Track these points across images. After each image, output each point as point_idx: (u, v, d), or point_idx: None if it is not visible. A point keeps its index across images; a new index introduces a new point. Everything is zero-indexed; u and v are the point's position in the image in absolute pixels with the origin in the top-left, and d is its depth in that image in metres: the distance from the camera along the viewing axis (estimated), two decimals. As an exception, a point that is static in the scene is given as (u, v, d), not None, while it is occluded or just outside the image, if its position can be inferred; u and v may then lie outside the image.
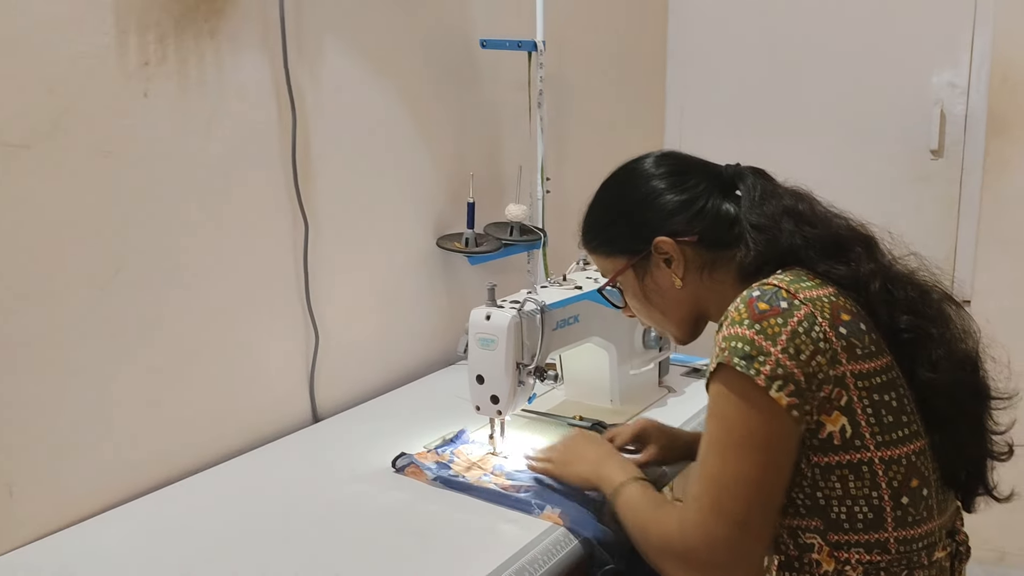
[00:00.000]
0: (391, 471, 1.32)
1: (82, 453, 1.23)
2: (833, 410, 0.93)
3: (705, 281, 1.09)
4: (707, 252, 1.08)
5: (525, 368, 1.32)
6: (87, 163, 1.19)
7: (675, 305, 1.13)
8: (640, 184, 1.12)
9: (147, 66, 1.25)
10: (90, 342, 1.22)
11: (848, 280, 0.99)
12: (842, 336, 0.93)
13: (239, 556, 1.11)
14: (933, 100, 2.34)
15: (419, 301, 1.84)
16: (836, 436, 0.93)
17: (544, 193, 1.95)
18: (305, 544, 1.14)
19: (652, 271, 1.12)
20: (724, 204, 1.08)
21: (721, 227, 1.07)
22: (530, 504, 1.20)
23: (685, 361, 1.83)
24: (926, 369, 0.97)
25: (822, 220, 1.05)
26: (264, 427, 1.50)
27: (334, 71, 1.57)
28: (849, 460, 0.94)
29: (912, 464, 0.95)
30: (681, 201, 1.09)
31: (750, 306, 0.95)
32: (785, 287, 0.96)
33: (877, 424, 0.93)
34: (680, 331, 1.16)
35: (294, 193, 1.50)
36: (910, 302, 1.00)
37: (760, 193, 1.07)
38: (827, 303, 0.95)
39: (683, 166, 1.13)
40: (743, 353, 0.92)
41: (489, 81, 1.97)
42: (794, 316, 0.93)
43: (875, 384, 0.94)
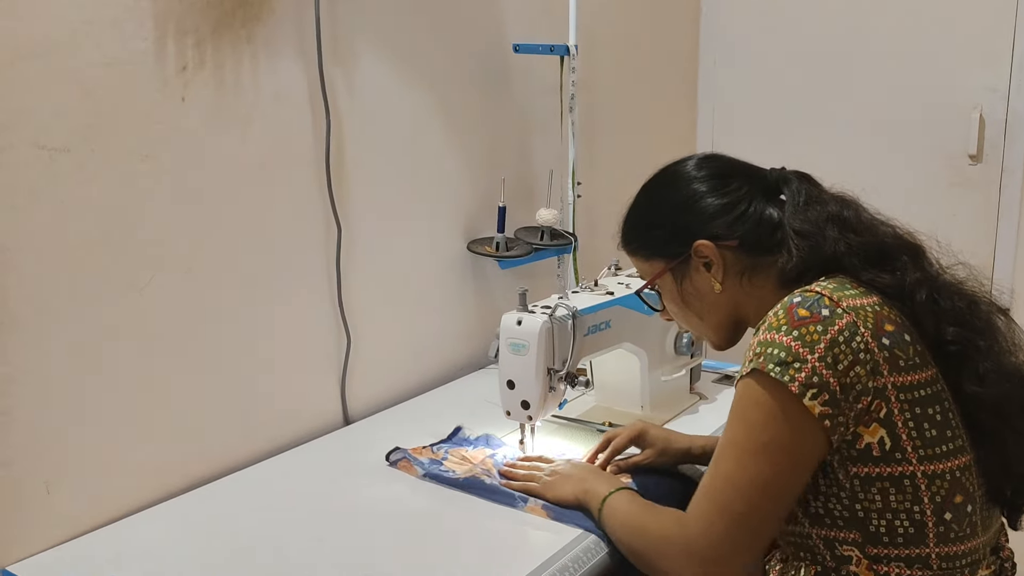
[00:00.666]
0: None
1: (118, 453, 1.24)
2: (872, 422, 0.91)
3: (745, 286, 1.07)
4: (748, 257, 1.06)
5: (556, 374, 1.31)
6: (125, 167, 1.21)
7: (713, 309, 1.11)
8: (681, 187, 1.11)
9: (184, 71, 1.27)
10: (127, 343, 1.24)
11: (893, 289, 0.97)
12: (885, 347, 0.91)
13: (271, 557, 1.12)
14: (972, 104, 2.29)
15: (449, 305, 1.84)
16: (875, 447, 0.92)
17: (575, 197, 1.94)
18: (335, 546, 1.14)
19: (691, 275, 1.10)
20: (767, 208, 1.07)
21: (763, 232, 1.06)
22: (514, 497, 1.23)
23: (717, 367, 1.81)
24: (972, 383, 0.95)
25: (868, 227, 1.03)
26: (296, 429, 1.51)
27: (368, 75, 1.58)
28: (890, 473, 0.92)
29: (956, 479, 0.93)
30: (722, 204, 1.07)
31: (790, 312, 0.93)
32: (828, 294, 0.94)
33: (919, 438, 0.92)
34: (718, 336, 1.14)
35: (327, 196, 1.51)
36: (957, 313, 0.97)
37: (805, 198, 1.05)
38: (871, 312, 0.93)
39: (726, 169, 1.12)
40: (779, 359, 0.91)
41: (521, 85, 1.97)
42: (835, 325, 0.91)
43: (918, 397, 0.92)
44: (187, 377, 1.33)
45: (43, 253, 1.13)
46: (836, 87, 2.49)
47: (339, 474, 1.36)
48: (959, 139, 2.32)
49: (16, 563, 1.12)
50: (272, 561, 1.12)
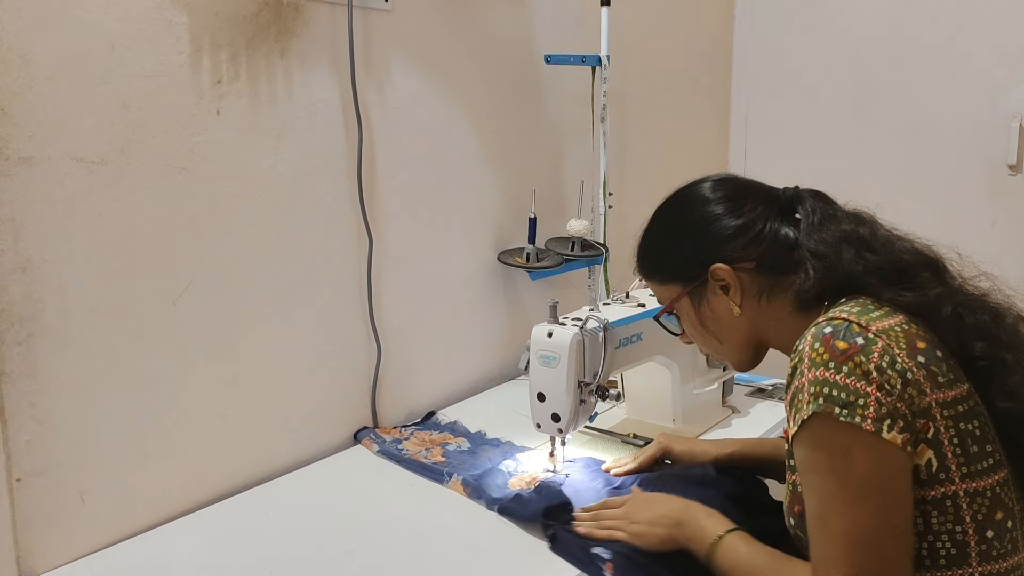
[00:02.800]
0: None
1: (151, 462, 1.25)
2: (920, 443, 0.89)
3: (763, 307, 1.06)
4: (765, 278, 1.05)
5: (587, 387, 1.30)
6: (161, 179, 1.22)
7: (733, 332, 1.10)
8: (695, 209, 1.10)
9: (219, 84, 1.28)
10: (160, 354, 1.25)
11: (916, 307, 0.95)
12: (922, 365, 0.89)
13: (301, 569, 1.12)
14: (1012, 113, 2.25)
15: (480, 316, 1.84)
16: (922, 470, 0.89)
17: (606, 208, 1.93)
18: (365, 560, 1.14)
19: (709, 298, 1.09)
20: (782, 228, 1.05)
21: (779, 252, 1.04)
22: (441, 473, 1.33)
23: (750, 381, 1.79)
24: (1003, 398, 0.93)
25: (884, 245, 1.01)
26: (328, 440, 1.51)
27: (400, 88, 1.58)
28: (933, 495, 0.90)
29: (996, 496, 0.91)
30: (738, 226, 1.06)
31: (828, 346, 0.90)
32: (855, 319, 0.92)
33: (963, 455, 0.89)
34: (739, 358, 1.13)
35: (359, 208, 1.52)
36: (983, 327, 0.95)
37: (820, 217, 1.04)
38: (900, 332, 0.91)
39: (739, 190, 1.10)
40: (841, 401, 0.87)
41: (552, 96, 1.96)
42: (873, 352, 0.89)
43: (959, 412, 0.90)
44: (219, 387, 1.33)
45: (79, 264, 1.15)
46: (873, 97, 2.45)
47: (370, 486, 1.36)
48: (999, 149, 2.28)
49: (50, 571, 1.14)
50: (302, 573, 1.11)
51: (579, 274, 1.98)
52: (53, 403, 1.13)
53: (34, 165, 1.09)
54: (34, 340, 1.11)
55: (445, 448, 1.46)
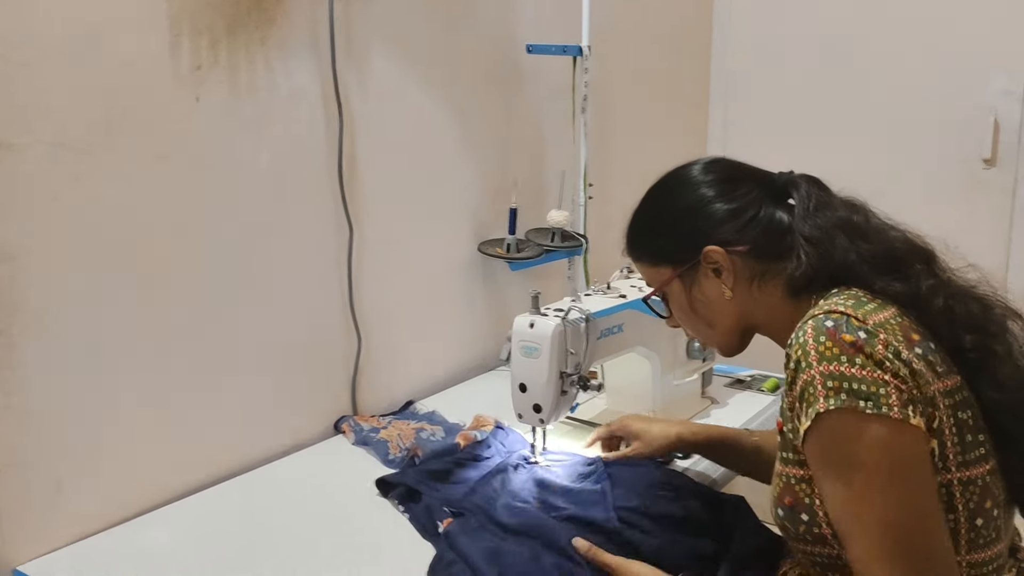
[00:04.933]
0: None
1: (129, 453, 1.24)
2: (930, 431, 0.89)
3: (754, 292, 1.05)
4: (757, 263, 1.04)
5: (568, 377, 1.31)
6: (140, 166, 1.21)
7: (722, 316, 1.09)
8: (688, 192, 1.09)
9: (199, 71, 1.27)
10: (139, 344, 1.24)
11: (907, 298, 0.95)
12: (920, 356, 0.90)
13: (279, 559, 1.12)
14: (987, 107, 2.28)
15: (460, 306, 1.84)
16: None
17: (586, 199, 1.93)
18: (342, 549, 1.14)
19: (700, 281, 1.08)
20: (776, 213, 1.04)
21: (773, 237, 1.03)
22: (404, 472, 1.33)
23: (729, 372, 1.80)
24: (993, 389, 0.93)
25: (877, 233, 1.01)
26: (307, 431, 1.51)
27: (381, 77, 1.57)
28: None
29: (987, 485, 0.91)
30: (731, 209, 1.05)
31: (834, 338, 0.89)
32: (852, 313, 0.91)
33: (960, 443, 0.90)
34: (727, 343, 1.12)
35: (339, 197, 1.51)
36: (972, 318, 0.96)
37: (814, 203, 1.03)
38: (895, 325, 0.91)
39: (733, 173, 1.09)
40: (864, 394, 0.86)
41: (533, 86, 1.96)
42: (878, 344, 0.88)
43: (957, 402, 0.90)
44: (199, 378, 1.33)
45: (57, 253, 1.13)
46: (850, 89, 2.47)
47: (349, 477, 1.35)
48: (974, 143, 2.30)
49: (27, 563, 1.13)
50: (280, 562, 1.11)
51: (559, 264, 1.98)
52: (31, 393, 1.12)
53: (12, 152, 1.07)
54: (12, 330, 1.09)
55: (419, 435, 1.46)
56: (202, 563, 1.12)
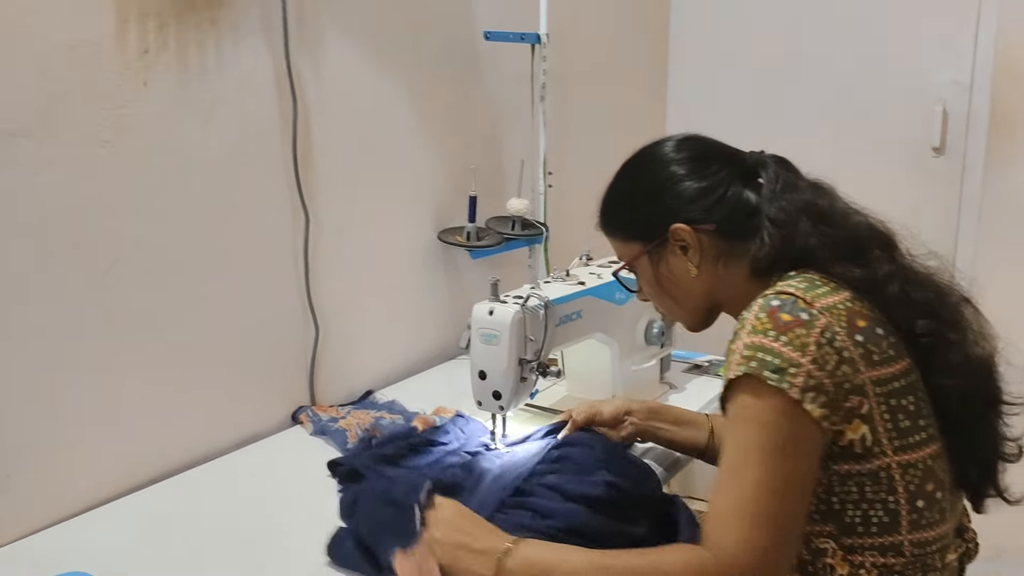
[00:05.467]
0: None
1: (80, 446, 1.21)
2: (854, 419, 0.91)
3: (720, 271, 1.07)
4: (724, 242, 1.06)
5: (528, 364, 1.30)
6: (86, 152, 1.18)
7: (689, 293, 1.10)
8: (659, 169, 1.10)
9: (147, 54, 1.23)
10: (87, 334, 1.21)
11: (864, 283, 0.97)
12: (859, 344, 0.92)
13: (236, 552, 1.10)
14: (936, 97, 2.33)
15: (420, 294, 1.83)
16: (856, 444, 0.92)
17: (546, 187, 1.93)
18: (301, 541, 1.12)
19: (668, 258, 1.09)
20: (745, 192, 1.06)
21: (740, 216, 1.05)
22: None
23: (686, 357, 1.82)
24: (943, 375, 0.95)
25: (841, 217, 1.03)
26: (263, 421, 1.49)
27: (336, 61, 1.55)
28: (869, 468, 0.92)
29: (928, 468, 0.94)
30: (701, 188, 1.06)
31: (773, 316, 0.92)
32: (802, 295, 0.93)
33: (895, 429, 0.92)
34: (693, 319, 1.14)
35: (295, 184, 1.49)
36: (927, 305, 0.97)
37: (781, 185, 1.04)
38: (843, 310, 0.93)
39: (705, 151, 1.10)
40: (773, 366, 0.89)
41: (492, 73, 1.95)
42: (815, 327, 0.90)
43: (893, 389, 0.92)
44: (150, 368, 1.30)
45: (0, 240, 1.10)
46: (804, 80, 2.51)
47: (307, 467, 1.34)
48: (924, 131, 2.35)
49: (-27, 560, 1.09)
50: (237, 554, 1.10)
51: (519, 253, 1.98)
52: (-28, 386, 1.08)
53: (-53, 136, 1.03)
54: (-50, 321, 1.06)
55: (378, 422, 1.45)
56: (156, 557, 1.09)
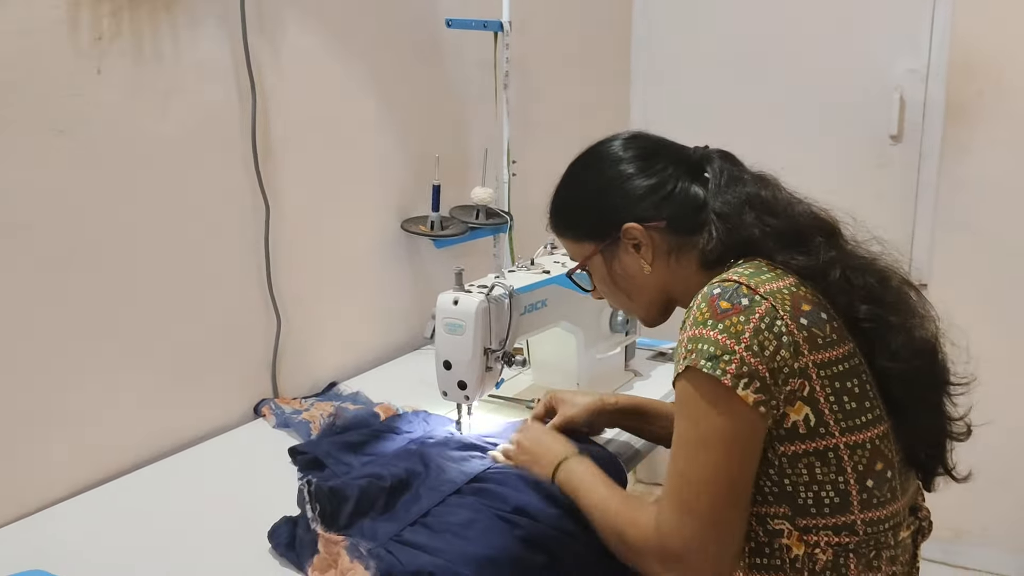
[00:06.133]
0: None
1: (37, 443, 1.18)
2: (796, 400, 0.93)
3: (672, 266, 1.09)
4: (674, 237, 1.08)
5: (493, 353, 1.30)
6: (38, 141, 1.14)
7: (643, 290, 1.12)
8: (607, 168, 1.11)
9: (100, 41, 1.20)
10: (41, 329, 1.18)
11: (807, 270, 0.99)
12: (803, 327, 0.94)
13: (198, 545, 1.09)
14: (893, 86, 2.36)
15: (383, 285, 1.81)
16: (801, 425, 0.94)
17: (510, 176, 1.93)
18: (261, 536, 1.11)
19: (621, 256, 1.11)
20: (692, 188, 1.08)
21: (688, 212, 1.07)
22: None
23: (651, 345, 1.83)
24: (885, 358, 0.97)
25: (784, 208, 1.05)
26: (226, 413, 1.47)
27: (295, 49, 1.53)
28: (815, 448, 0.94)
29: (876, 448, 0.96)
30: (649, 186, 1.08)
31: (712, 305, 0.95)
32: (745, 282, 0.96)
33: (840, 411, 0.94)
34: (648, 315, 1.16)
35: (254, 174, 1.46)
36: (870, 290, 1.00)
37: (726, 178, 1.07)
38: (787, 295, 0.95)
39: (651, 148, 1.12)
40: (708, 354, 0.92)
41: (454, 62, 1.94)
42: (755, 312, 0.93)
43: (837, 372, 0.94)
44: (107, 362, 1.27)
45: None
46: (765, 70, 2.53)
47: (269, 462, 1.32)
48: (881, 120, 2.38)
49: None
50: (199, 548, 1.08)
51: (484, 242, 1.98)
52: (-79, 383, 1.05)
53: None
54: None
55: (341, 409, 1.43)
56: (116, 553, 1.07)
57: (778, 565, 0.97)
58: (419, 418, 1.39)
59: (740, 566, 0.99)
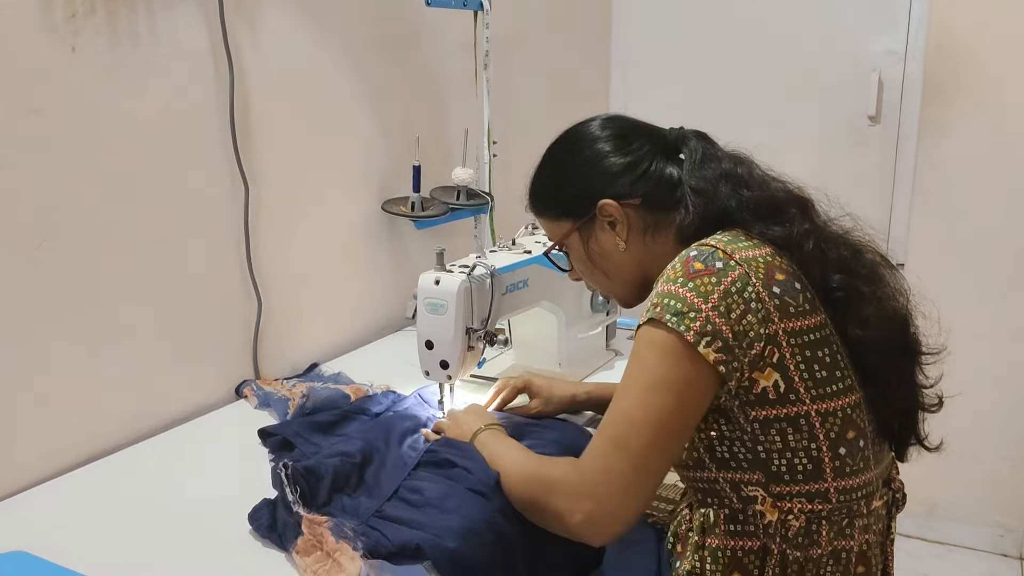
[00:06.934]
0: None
1: (16, 425, 1.18)
2: (766, 367, 0.95)
3: (648, 244, 1.11)
4: (650, 215, 1.10)
5: (475, 333, 1.31)
6: (11, 121, 1.13)
7: (619, 268, 1.14)
8: (585, 147, 1.13)
9: (74, 18, 1.19)
10: (21, 311, 1.17)
11: (782, 240, 1.01)
12: (775, 295, 0.95)
13: (179, 528, 1.09)
14: (872, 66, 2.37)
15: (364, 266, 1.81)
16: (771, 391, 0.96)
17: (491, 156, 1.93)
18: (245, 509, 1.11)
19: (597, 234, 1.13)
20: (667, 167, 1.10)
21: (664, 190, 1.09)
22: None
23: (632, 325, 1.84)
24: (857, 326, 0.99)
25: (759, 183, 1.07)
26: (206, 395, 1.46)
27: (273, 29, 1.51)
28: (786, 414, 0.96)
29: (848, 416, 0.98)
30: (625, 164, 1.10)
31: (686, 265, 0.97)
32: (722, 248, 0.98)
33: (811, 379, 0.96)
34: (625, 293, 1.18)
35: (233, 154, 1.45)
36: (843, 261, 1.02)
37: (701, 156, 1.09)
38: (762, 263, 0.97)
39: (628, 129, 1.14)
40: (675, 310, 0.94)
41: (434, 41, 1.93)
42: (728, 276, 0.95)
43: (808, 341, 0.96)
44: (87, 344, 1.26)
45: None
46: (744, 51, 2.53)
47: (251, 443, 1.32)
48: (860, 100, 2.40)
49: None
50: (180, 530, 1.08)
51: (465, 223, 1.97)
52: None
53: None
54: None
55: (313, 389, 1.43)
56: (98, 534, 1.07)
57: (751, 531, 1.00)
58: (388, 399, 1.40)
59: (716, 532, 1.01)
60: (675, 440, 0.97)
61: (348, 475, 1.12)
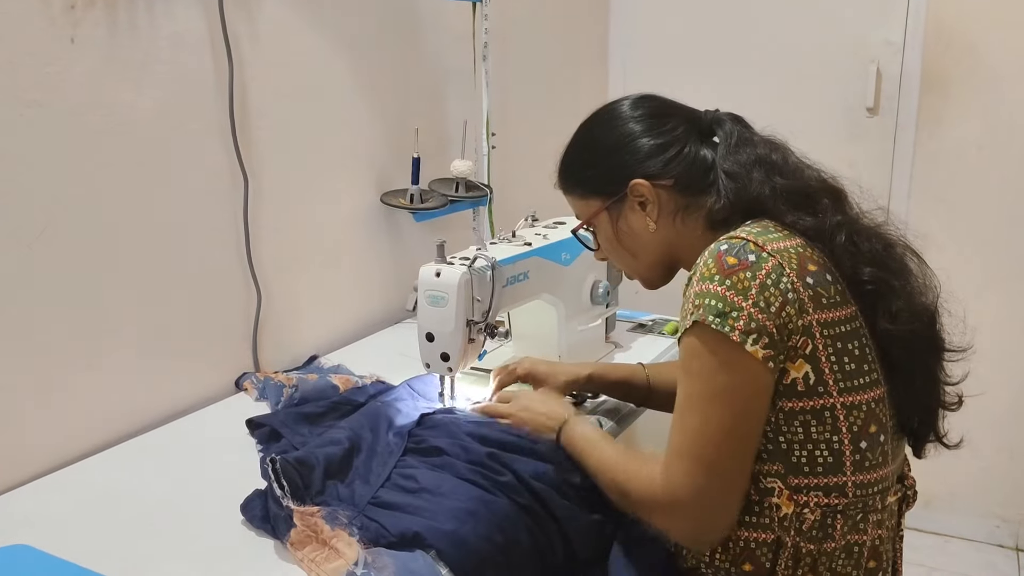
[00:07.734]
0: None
1: (13, 418, 1.18)
2: (798, 358, 0.95)
3: (678, 226, 1.09)
4: (681, 197, 1.08)
5: (476, 325, 1.30)
6: (10, 112, 1.12)
7: (647, 249, 1.13)
8: (617, 126, 1.11)
9: (73, 9, 1.18)
10: (18, 303, 1.16)
11: (814, 231, 1.00)
12: (809, 286, 0.95)
13: (180, 521, 1.09)
14: (870, 58, 2.37)
15: (364, 258, 1.81)
16: (800, 383, 0.95)
17: (490, 148, 1.92)
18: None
19: (627, 214, 1.12)
20: (701, 149, 1.08)
21: (696, 172, 1.07)
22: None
23: (631, 317, 1.84)
24: (886, 320, 0.99)
25: (793, 171, 1.06)
26: (206, 387, 1.46)
27: (273, 20, 1.50)
28: (812, 406, 0.96)
29: (871, 410, 0.97)
30: (658, 144, 1.08)
31: (719, 261, 0.95)
32: (753, 239, 0.96)
33: (840, 371, 0.95)
34: (651, 275, 1.16)
35: (232, 146, 1.45)
36: (874, 254, 1.01)
37: (736, 140, 1.07)
38: (794, 254, 0.96)
39: (662, 109, 1.13)
40: (716, 310, 0.93)
41: (433, 33, 1.92)
42: (762, 269, 0.94)
43: (839, 332, 0.96)
44: (86, 337, 1.26)
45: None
46: (743, 43, 2.53)
47: (249, 437, 1.31)
48: (858, 92, 2.40)
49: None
50: (180, 522, 1.08)
51: (464, 215, 1.97)
52: None
53: None
54: None
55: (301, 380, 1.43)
56: (99, 527, 1.07)
57: (766, 523, 0.99)
58: (376, 389, 1.40)
59: None
60: (749, 443, 0.96)
61: (339, 463, 1.12)
